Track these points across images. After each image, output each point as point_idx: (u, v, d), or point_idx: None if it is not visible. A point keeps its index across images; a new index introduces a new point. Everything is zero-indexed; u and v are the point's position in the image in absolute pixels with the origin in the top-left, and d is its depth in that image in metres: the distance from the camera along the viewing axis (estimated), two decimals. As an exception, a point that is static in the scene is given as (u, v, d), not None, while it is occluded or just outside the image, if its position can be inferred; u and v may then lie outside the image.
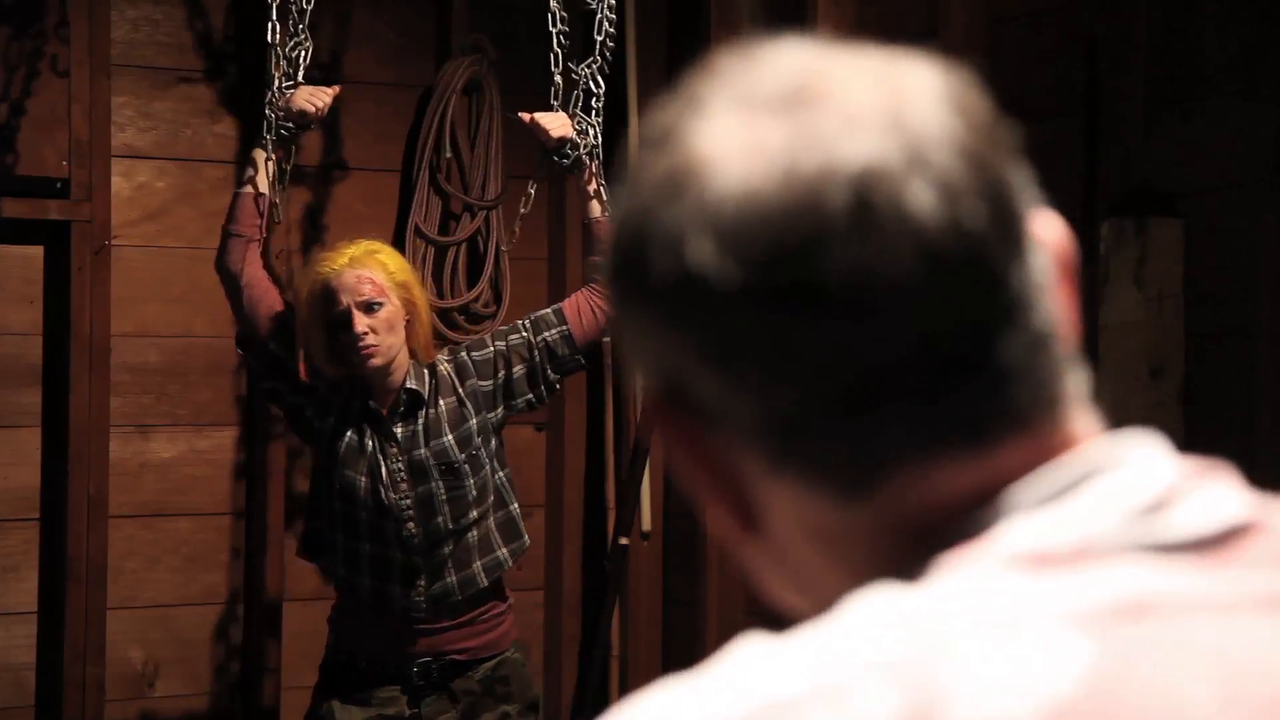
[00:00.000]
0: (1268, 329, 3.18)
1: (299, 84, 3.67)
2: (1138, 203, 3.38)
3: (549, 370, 3.60)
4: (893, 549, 0.75)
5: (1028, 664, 0.67)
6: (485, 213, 4.56)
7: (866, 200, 0.72)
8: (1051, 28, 3.64)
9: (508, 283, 4.57)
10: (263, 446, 4.44)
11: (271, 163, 3.60)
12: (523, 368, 3.59)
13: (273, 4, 3.68)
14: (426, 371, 3.57)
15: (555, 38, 3.83)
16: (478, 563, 3.60)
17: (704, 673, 0.71)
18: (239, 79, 4.45)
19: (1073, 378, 0.78)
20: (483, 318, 4.55)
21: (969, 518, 0.74)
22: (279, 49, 3.66)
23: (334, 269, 3.50)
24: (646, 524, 4.71)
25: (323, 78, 4.17)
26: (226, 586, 4.48)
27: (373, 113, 4.60)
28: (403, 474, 3.53)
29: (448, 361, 3.60)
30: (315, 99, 3.63)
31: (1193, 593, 0.70)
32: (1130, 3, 3.44)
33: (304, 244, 4.52)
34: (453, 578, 3.59)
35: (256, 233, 3.57)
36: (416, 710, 3.61)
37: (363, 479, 3.53)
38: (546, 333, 3.59)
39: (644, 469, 4.59)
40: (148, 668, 4.41)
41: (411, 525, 3.54)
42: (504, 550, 3.64)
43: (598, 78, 3.77)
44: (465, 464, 3.56)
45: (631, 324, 0.78)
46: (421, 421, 3.54)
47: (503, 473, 3.67)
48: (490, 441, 3.62)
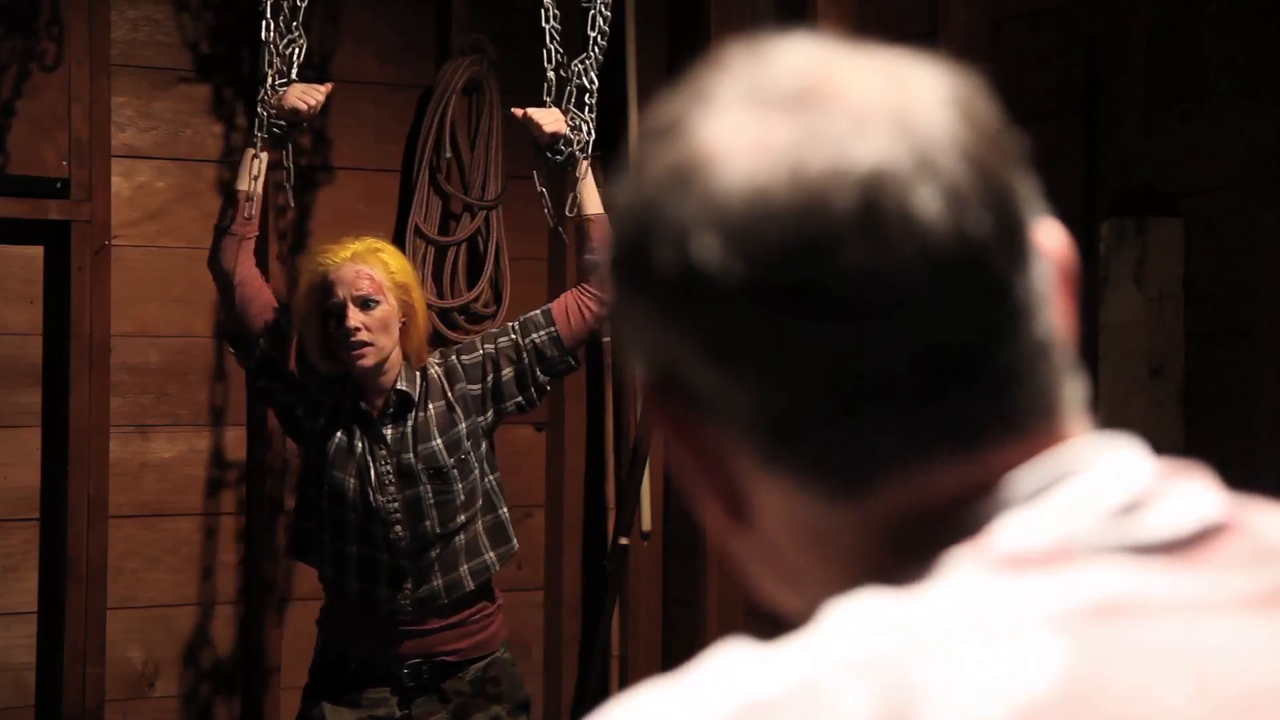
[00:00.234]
0: (1268, 329, 3.18)
1: (292, 82, 3.67)
2: (1138, 203, 3.38)
3: (538, 372, 3.58)
4: (878, 549, 0.75)
5: (1004, 665, 0.67)
6: (485, 213, 4.56)
7: (873, 203, 0.72)
8: (1051, 28, 3.64)
9: (508, 283, 4.57)
10: (263, 446, 4.44)
11: (261, 161, 3.60)
12: (511, 370, 3.57)
13: (266, 2, 3.68)
14: (418, 374, 3.55)
15: (548, 33, 3.82)
16: (464, 566, 3.59)
17: (685, 674, 0.71)
18: (239, 79, 4.45)
19: (1071, 385, 0.78)
20: (483, 317, 4.55)
21: (955, 520, 0.74)
22: (273, 46, 3.67)
23: (334, 261, 3.49)
24: (646, 524, 4.71)
25: (322, 77, 4.17)
26: (226, 586, 4.48)
27: (373, 113, 4.60)
28: (391, 477, 3.52)
29: (438, 365, 3.58)
30: (308, 96, 3.63)
31: (1168, 593, 0.70)
32: (1130, 3, 3.44)
33: (304, 244, 4.52)
34: (439, 581, 3.58)
35: (249, 231, 3.56)
36: (407, 711, 3.60)
37: (352, 480, 3.52)
38: (535, 334, 3.58)
39: (644, 469, 4.59)
40: (148, 668, 4.41)
41: (399, 528, 3.53)
42: (491, 554, 3.63)
43: (591, 74, 3.77)
44: (454, 468, 3.54)
45: (631, 313, 0.78)
46: (410, 424, 3.53)
47: (493, 477, 3.65)
48: (480, 446, 3.60)
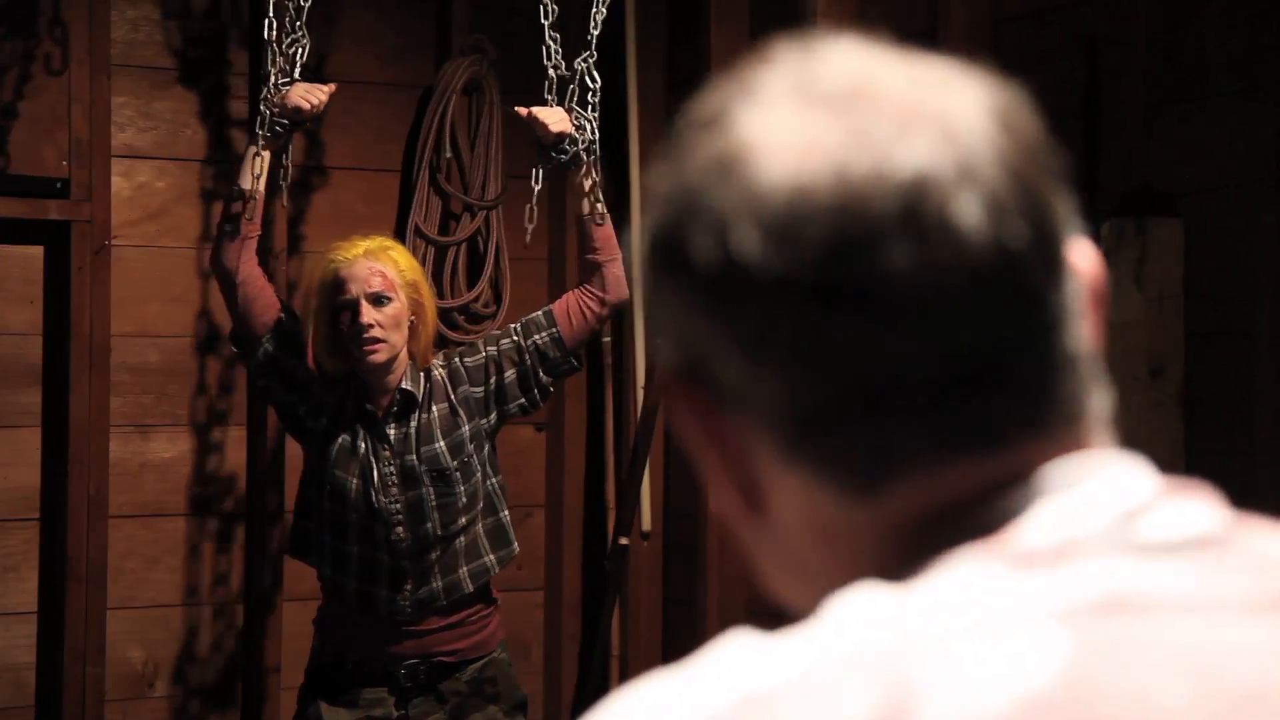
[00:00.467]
0: (1268, 329, 3.18)
1: (295, 81, 3.67)
2: (1138, 203, 3.38)
3: (540, 373, 3.59)
4: (890, 548, 0.76)
5: (1005, 660, 0.68)
6: (485, 213, 4.56)
7: (914, 208, 0.73)
8: (1052, 28, 3.64)
9: (508, 283, 4.57)
10: (263, 446, 4.44)
11: (264, 159, 3.60)
12: (514, 372, 3.57)
13: (270, 1, 3.68)
14: (422, 375, 3.56)
15: (547, 31, 3.82)
16: (464, 568, 3.59)
17: (687, 667, 0.72)
18: (239, 79, 4.45)
19: (1096, 399, 0.79)
20: (483, 318, 4.55)
21: (967, 521, 0.75)
22: (276, 45, 3.67)
23: (347, 258, 3.49)
24: (646, 524, 4.71)
25: (323, 77, 4.16)
26: (226, 586, 4.48)
27: (373, 113, 4.60)
28: (394, 478, 3.52)
29: (442, 367, 3.58)
30: (311, 96, 3.62)
31: (1173, 593, 0.71)
32: (1130, 3, 3.44)
33: (304, 244, 4.52)
34: (438, 582, 3.58)
35: (251, 230, 3.56)
36: (404, 712, 3.59)
37: (354, 480, 3.52)
38: (537, 335, 3.58)
39: (644, 469, 4.59)
40: (148, 668, 4.41)
41: (400, 530, 3.53)
42: (491, 557, 3.63)
43: (594, 73, 3.77)
44: (456, 471, 3.54)
45: (664, 300, 0.78)
46: (414, 425, 3.53)
47: (495, 479, 3.65)
48: (483, 448, 3.60)
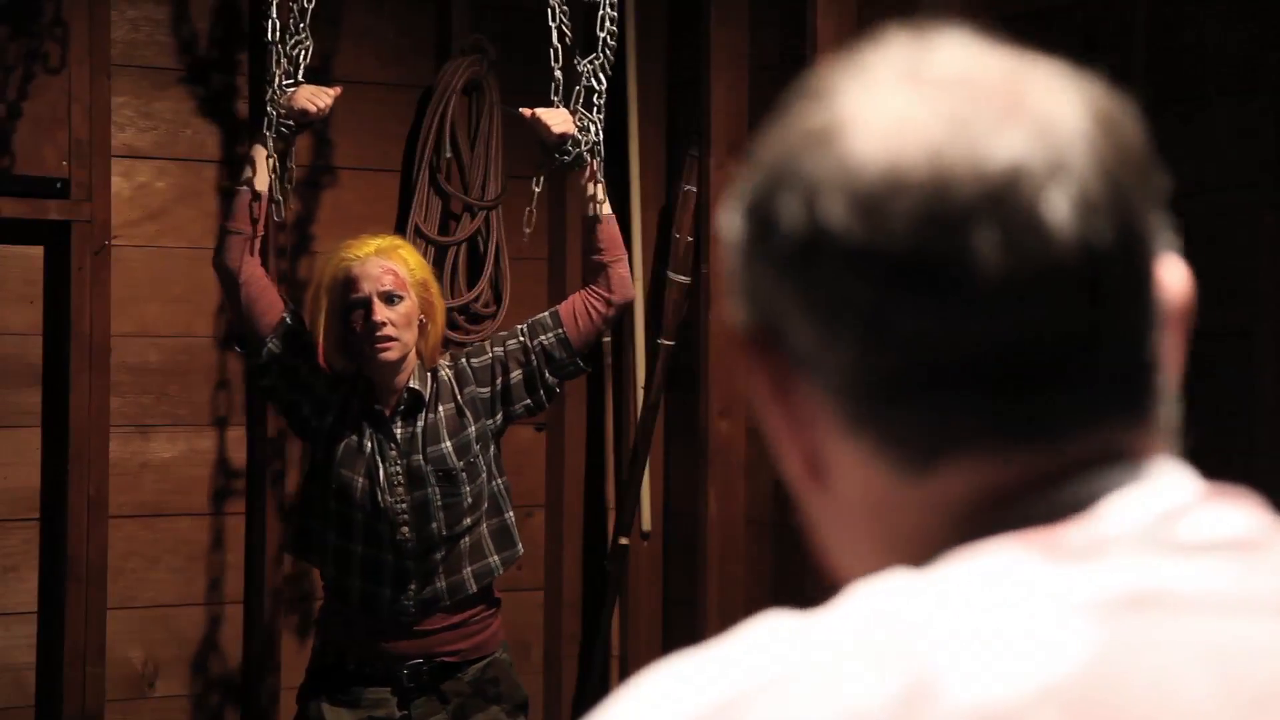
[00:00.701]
0: (1268, 329, 3.18)
1: (300, 83, 3.66)
2: (1138, 203, 3.37)
3: (547, 374, 3.59)
4: (937, 532, 0.77)
5: (1031, 648, 0.68)
6: (485, 213, 4.56)
7: (1005, 198, 0.74)
8: (1052, 28, 3.64)
9: (508, 283, 4.57)
10: (263, 446, 4.44)
11: (271, 160, 3.60)
12: (520, 373, 3.58)
13: (273, 2, 3.68)
14: (430, 375, 3.56)
15: (555, 32, 3.82)
16: (468, 569, 3.59)
17: (716, 646, 0.73)
18: (239, 79, 4.45)
19: (1164, 410, 0.80)
20: (483, 318, 4.55)
21: (1016, 510, 0.75)
22: (280, 47, 3.66)
23: (358, 256, 3.49)
24: (646, 524, 4.71)
25: (323, 77, 4.16)
26: (226, 586, 4.48)
27: (373, 113, 4.59)
28: (400, 478, 3.52)
29: (449, 367, 3.59)
30: (317, 99, 3.62)
31: (1201, 590, 0.71)
32: (1130, 3, 3.44)
33: (304, 244, 4.52)
34: (442, 583, 3.57)
35: (255, 230, 3.56)
36: (406, 712, 3.59)
37: (360, 480, 3.52)
38: (543, 336, 3.58)
39: (644, 469, 4.59)
40: (148, 668, 4.40)
41: (406, 530, 3.53)
42: (495, 558, 3.63)
43: (599, 74, 3.76)
44: (462, 471, 3.54)
45: (746, 263, 0.79)
46: (421, 424, 3.53)
47: (500, 480, 3.65)
48: (489, 449, 3.61)
